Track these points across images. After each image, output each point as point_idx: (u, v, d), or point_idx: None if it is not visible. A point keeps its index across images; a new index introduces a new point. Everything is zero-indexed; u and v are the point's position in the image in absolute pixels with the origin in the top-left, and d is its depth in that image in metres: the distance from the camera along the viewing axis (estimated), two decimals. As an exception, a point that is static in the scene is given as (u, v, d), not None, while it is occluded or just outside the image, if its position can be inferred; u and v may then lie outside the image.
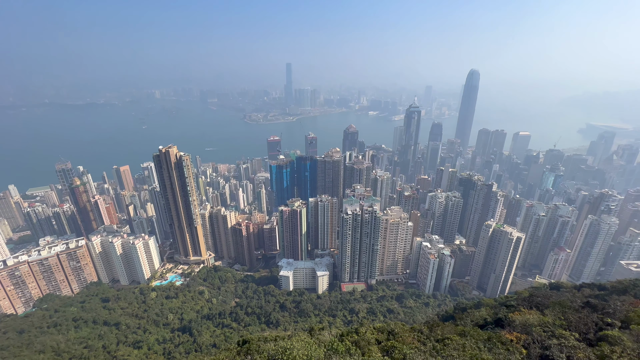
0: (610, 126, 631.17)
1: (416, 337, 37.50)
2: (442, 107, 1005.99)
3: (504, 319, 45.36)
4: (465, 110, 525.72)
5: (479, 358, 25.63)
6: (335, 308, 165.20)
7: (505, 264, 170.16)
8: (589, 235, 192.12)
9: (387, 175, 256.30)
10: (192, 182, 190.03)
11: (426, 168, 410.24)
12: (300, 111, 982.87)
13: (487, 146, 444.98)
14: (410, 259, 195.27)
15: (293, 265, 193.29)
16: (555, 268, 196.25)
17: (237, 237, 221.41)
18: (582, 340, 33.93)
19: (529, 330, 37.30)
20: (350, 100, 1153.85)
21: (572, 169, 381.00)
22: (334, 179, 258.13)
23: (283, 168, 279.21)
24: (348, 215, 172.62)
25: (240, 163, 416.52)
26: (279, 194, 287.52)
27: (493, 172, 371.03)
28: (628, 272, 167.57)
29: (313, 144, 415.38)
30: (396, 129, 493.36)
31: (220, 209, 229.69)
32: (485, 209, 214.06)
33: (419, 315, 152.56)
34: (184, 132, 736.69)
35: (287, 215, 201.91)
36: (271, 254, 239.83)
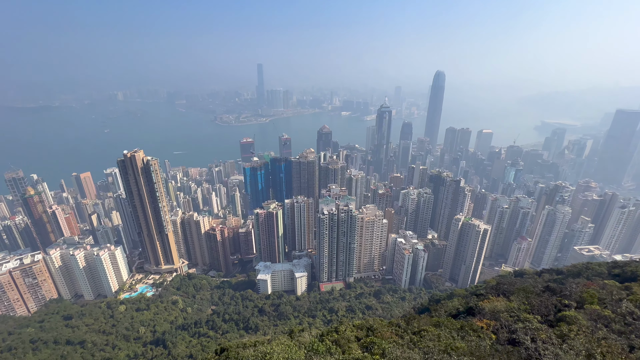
0: (562, 123, 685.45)
1: (394, 331, 38.51)
2: (411, 107, 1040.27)
3: (475, 308, 47.82)
4: (433, 110, 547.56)
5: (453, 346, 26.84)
6: (315, 308, 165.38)
7: (474, 255, 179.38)
8: (546, 224, 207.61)
9: (361, 175, 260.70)
10: (161, 187, 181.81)
11: (398, 166, 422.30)
12: (273, 112, 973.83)
13: (454, 144, 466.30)
14: (386, 255, 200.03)
15: (271, 268, 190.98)
16: (518, 256, 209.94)
17: (212, 242, 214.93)
18: (544, 322, 36.62)
19: (497, 317, 39.64)
20: (322, 101, 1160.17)
21: (530, 163, 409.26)
22: (310, 179, 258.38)
23: (257, 170, 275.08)
24: (325, 215, 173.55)
25: (212, 166, 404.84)
26: (254, 196, 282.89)
27: (460, 168, 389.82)
28: (581, 256, 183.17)
29: (287, 145, 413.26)
30: (368, 128, 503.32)
31: (192, 214, 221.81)
32: (454, 204, 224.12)
33: (396, 310, 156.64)
34: (150, 136, 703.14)
35: (263, 218, 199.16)
36: (248, 258, 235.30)
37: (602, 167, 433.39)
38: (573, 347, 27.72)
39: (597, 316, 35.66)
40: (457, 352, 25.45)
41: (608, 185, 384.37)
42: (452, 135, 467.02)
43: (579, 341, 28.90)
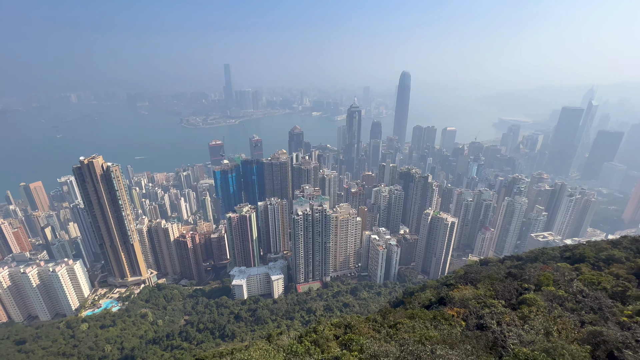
0: (516, 120, 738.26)
1: (371, 326, 39.36)
2: (380, 107, 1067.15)
3: (446, 297, 50.20)
4: (400, 109, 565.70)
5: (427, 336, 27.98)
6: (293, 310, 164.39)
7: (444, 247, 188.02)
8: (506, 214, 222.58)
9: (334, 174, 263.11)
10: (124, 195, 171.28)
11: (369, 165, 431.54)
12: (243, 113, 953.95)
13: (421, 141, 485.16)
14: (361, 252, 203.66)
15: (246, 273, 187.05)
16: (483, 246, 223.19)
17: (182, 250, 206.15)
18: (507, 306, 39.27)
19: (466, 304, 41.91)
20: (293, 102, 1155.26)
21: (490, 158, 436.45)
22: (282, 180, 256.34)
23: (228, 173, 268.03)
24: (299, 216, 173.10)
25: (180, 171, 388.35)
26: (226, 200, 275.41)
27: (428, 164, 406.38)
28: (537, 242, 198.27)
29: (258, 147, 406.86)
30: (339, 128, 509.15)
31: (160, 221, 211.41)
32: (423, 199, 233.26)
33: (372, 305, 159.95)
34: (109, 140, 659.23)
35: (236, 222, 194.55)
36: (221, 264, 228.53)
37: (552, 159, 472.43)
38: (533, 327, 30.00)
39: (552, 296, 38.87)
40: (431, 341, 26.56)
41: (557, 176, 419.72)
42: (419, 133, 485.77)
43: (538, 321, 31.32)
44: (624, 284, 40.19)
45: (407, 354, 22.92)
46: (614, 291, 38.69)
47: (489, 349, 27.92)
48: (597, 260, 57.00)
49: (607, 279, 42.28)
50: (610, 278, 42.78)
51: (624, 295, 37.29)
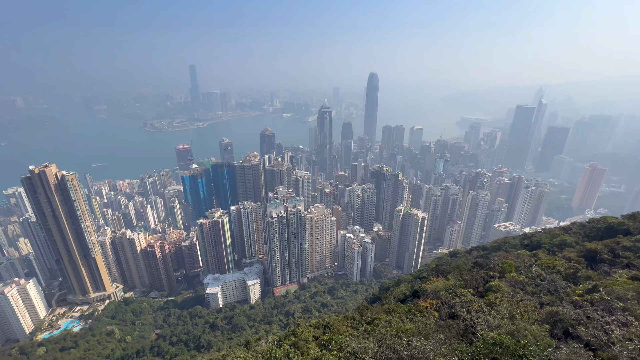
0: (477, 118, 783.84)
1: (349, 324, 39.86)
2: (350, 107, 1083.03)
3: (419, 290, 52.08)
4: (369, 109, 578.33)
5: (403, 329, 28.86)
6: (271, 314, 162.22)
7: (416, 241, 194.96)
8: (471, 207, 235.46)
9: (307, 175, 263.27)
10: (82, 205, 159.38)
11: (342, 164, 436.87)
12: (211, 116, 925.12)
13: (390, 140, 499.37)
14: (337, 251, 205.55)
15: (220, 280, 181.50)
16: (452, 238, 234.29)
17: (151, 260, 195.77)
18: (475, 294, 41.55)
19: (438, 295, 43.75)
20: (263, 103, 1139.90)
21: (455, 154, 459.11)
22: (255, 183, 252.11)
23: (198, 178, 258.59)
24: (273, 218, 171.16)
25: (145, 177, 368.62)
26: (196, 206, 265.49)
27: (398, 163, 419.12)
28: (499, 232, 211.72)
29: (229, 150, 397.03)
30: (311, 129, 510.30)
31: (124, 232, 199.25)
32: (395, 196, 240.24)
33: (350, 303, 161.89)
34: (63, 147, 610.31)
35: (208, 228, 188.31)
36: (194, 272, 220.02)
37: (509, 154, 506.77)
38: (499, 312, 32.00)
39: (515, 282, 41.71)
40: (407, 333, 27.44)
41: (515, 170, 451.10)
42: (389, 133, 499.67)
43: (503, 306, 33.48)
44: (575, 266, 44.11)
45: (384, 348, 23.48)
46: (567, 273, 42.32)
47: (460, 337, 29.38)
48: (551, 245, 62.03)
49: (560, 262, 46.13)
50: (563, 261, 46.73)
51: (575, 277, 40.91)
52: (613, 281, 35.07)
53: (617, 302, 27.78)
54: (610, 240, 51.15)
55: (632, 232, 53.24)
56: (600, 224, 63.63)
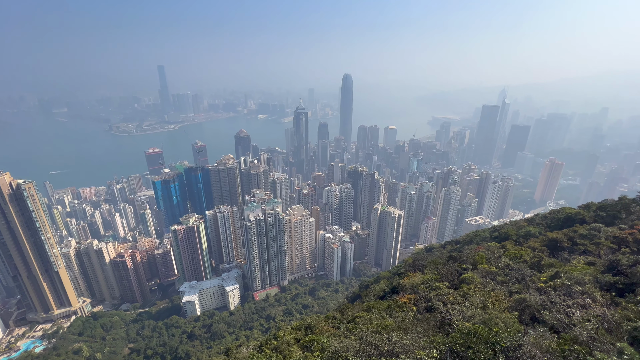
0: (447, 118, 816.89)
1: (331, 324, 40.05)
2: (325, 108, 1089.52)
3: (398, 286, 53.37)
4: (344, 110, 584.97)
5: (383, 325, 29.44)
6: (251, 320, 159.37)
7: (393, 238, 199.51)
8: (444, 203, 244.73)
9: (284, 177, 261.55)
10: (42, 215, 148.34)
11: (319, 165, 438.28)
12: (182, 118, 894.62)
13: (366, 140, 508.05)
14: (317, 252, 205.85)
15: (197, 287, 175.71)
16: (427, 234, 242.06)
17: (121, 271, 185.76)
18: (450, 287, 43.19)
19: (416, 290, 45.02)
20: (237, 105, 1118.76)
21: (428, 153, 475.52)
22: (231, 186, 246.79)
23: (170, 183, 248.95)
24: (251, 221, 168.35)
25: (112, 183, 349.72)
26: (169, 212, 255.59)
27: (373, 162, 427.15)
28: (471, 226, 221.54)
29: (203, 153, 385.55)
30: (287, 130, 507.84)
31: (91, 242, 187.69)
32: (372, 195, 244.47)
33: (331, 303, 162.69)
34: (18, 154, 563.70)
35: (183, 234, 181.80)
36: (169, 281, 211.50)
37: (477, 151, 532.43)
38: (472, 303, 33.48)
39: (486, 273, 43.81)
40: (387, 329, 28.00)
41: (483, 166, 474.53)
42: (364, 133, 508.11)
43: (476, 296, 35.06)
44: (539, 254, 47.12)
45: (366, 345, 23.81)
46: (532, 262, 45.09)
47: (438, 328, 30.43)
48: (518, 237, 65.83)
49: (526, 252, 49.08)
50: (529, 251, 49.76)
51: (540, 265, 43.69)
52: (572, 267, 37.84)
53: (576, 287, 29.99)
54: (569, 229, 55.16)
55: (587, 221, 57.72)
56: (560, 215, 68.41)
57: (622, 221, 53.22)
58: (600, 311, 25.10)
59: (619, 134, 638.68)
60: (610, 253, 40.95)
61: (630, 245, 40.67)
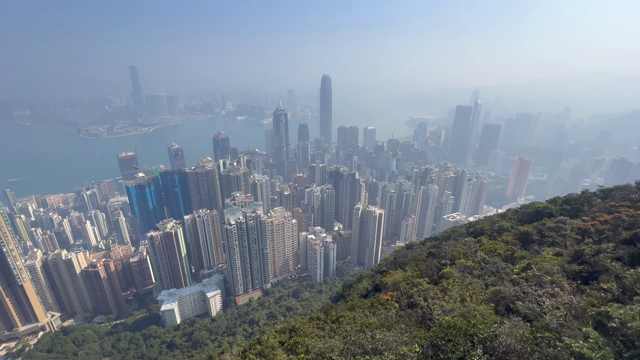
0: (424, 118, 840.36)
1: (315, 325, 40.02)
2: (305, 109, 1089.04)
3: (380, 284, 54.20)
4: (324, 111, 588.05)
5: (366, 324, 29.78)
6: (234, 325, 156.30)
7: (375, 237, 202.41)
8: (423, 201, 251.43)
9: (265, 178, 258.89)
10: (3, 226, 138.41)
11: (300, 166, 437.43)
12: (157, 120, 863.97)
13: (346, 141, 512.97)
14: (300, 253, 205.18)
15: (176, 295, 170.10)
16: (407, 232, 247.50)
17: (93, 282, 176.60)
18: (430, 282, 44.41)
19: (397, 287, 45.91)
20: (215, 106, 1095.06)
21: (406, 152, 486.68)
22: (210, 190, 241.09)
23: (145, 187, 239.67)
24: (232, 225, 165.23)
25: (82, 190, 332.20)
26: (145, 218, 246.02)
27: (354, 162, 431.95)
28: (448, 223, 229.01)
29: (179, 156, 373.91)
30: (267, 132, 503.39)
31: (59, 252, 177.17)
32: (353, 195, 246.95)
33: (315, 304, 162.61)
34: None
35: (160, 240, 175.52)
36: (146, 289, 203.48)
37: (453, 150, 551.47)
38: (452, 297, 34.61)
39: (463, 267, 45.42)
40: (370, 327, 28.36)
41: (458, 165, 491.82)
42: (344, 133, 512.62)
43: (455, 291, 36.26)
44: (512, 248, 49.46)
45: (350, 344, 24.00)
46: (506, 255, 47.23)
47: (419, 324, 31.20)
48: (492, 231, 68.71)
49: (500, 246, 51.37)
50: (502, 245, 52.10)
51: (513, 257, 45.85)
52: (542, 258, 40.00)
53: (546, 277, 31.74)
54: (538, 222, 58.27)
55: (554, 214, 61.25)
56: (530, 209, 72.12)
57: (585, 213, 56.93)
58: (568, 299, 26.74)
59: (580, 132, 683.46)
60: (575, 244, 43.64)
61: (593, 236, 43.57)
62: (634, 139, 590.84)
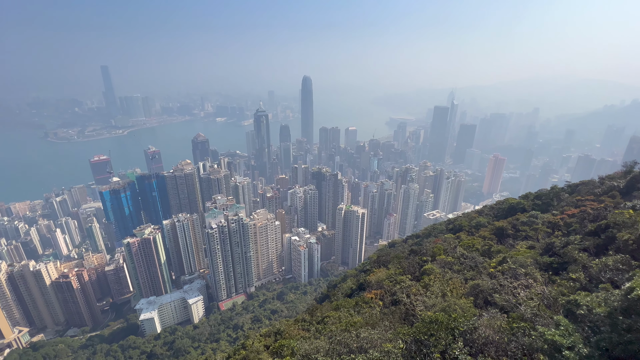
0: (403, 118, 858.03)
1: (300, 327, 39.89)
2: (286, 110, 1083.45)
3: (364, 283, 54.79)
4: (305, 112, 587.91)
5: (351, 323, 30.02)
6: (217, 331, 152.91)
7: (358, 237, 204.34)
8: (404, 200, 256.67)
9: (247, 181, 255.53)
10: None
11: (282, 167, 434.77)
12: (132, 122, 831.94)
13: (328, 141, 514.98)
14: (284, 255, 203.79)
15: (156, 303, 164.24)
16: (389, 230, 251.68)
17: (65, 293, 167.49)
18: (413, 279, 45.38)
19: (381, 285, 46.57)
20: (193, 108, 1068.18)
21: (387, 152, 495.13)
22: (190, 193, 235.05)
23: (120, 192, 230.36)
24: (213, 229, 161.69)
25: (51, 196, 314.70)
26: (121, 224, 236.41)
27: (336, 163, 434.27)
28: (429, 220, 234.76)
29: (157, 159, 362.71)
30: (248, 133, 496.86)
31: (26, 263, 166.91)
32: (335, 195, 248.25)
33: (300, 306, 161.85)
34: None
35: (137, 247, 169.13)
36: (123, 299, 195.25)
37: (432, 149, 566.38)
38: (433, 292, 35.52)
39: (444, 263, 46.73)
40: (355, 326, 28.61)
41: (437, 163, 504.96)
42: (325, 134, 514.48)
43: (436, 286, 37.24)
44: (489, 242, 51.43)
45: (335, 344, 24.10)
46: (483, 250, 49.04)
47: (403, 320, 31.79)
48: (470, 227, 71.15)
49: (478, 241, 53.26)
50: (480, 240, 54.06)
51: (490, 252, 47.67)
52: (517, 252, 41.85)
53: (520, 269, 33.23)
54: (512, 217, 60.93)
55: (527, 209, 64.26)
56: (504, 205, 75.29)
57: (555, 208, 60.12)
58: (541, 289, 28.14)
59: (549, 131, 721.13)
60: (546, 237, 46.01)
61: (562, 229, 46.09)
62: (596, 137, 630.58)
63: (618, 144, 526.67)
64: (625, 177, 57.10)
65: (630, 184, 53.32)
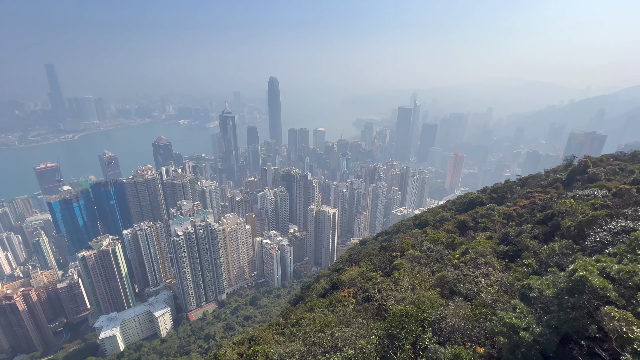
0: (370, 119, 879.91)
1: (275, 331, 39.34)
2: (253, 112, 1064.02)
3: (337, 282, 55.33)
4: (273, 113, 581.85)
5: (325, 323, 30.22)
6: (187, 343, 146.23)
7: (330, 236, 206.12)
8: (373, 198, 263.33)
9: (214, 185, 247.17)
10: None
11: (251, 170, 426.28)
12: (84, 126, 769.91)
13: (297, 143, 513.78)
14: (255, 259, 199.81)
15: (118, 319, 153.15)
16: (360, 229, 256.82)
17: (9, 316, 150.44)
18: (384, 275, 46.69)
19: (354, 283, 47.37)
20: (153, 110, 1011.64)
21: (355, 152, 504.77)
22: (152, 200, 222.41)
23: (72, 202, 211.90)
24: (179, 236, 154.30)
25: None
26: (74, 236, 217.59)
27: (306, 164, 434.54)
28: (397, 217, 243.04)
29: (113, 165, 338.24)
30: (213, 136, 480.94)
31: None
32: (306, 196, 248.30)
33: (274, 310, 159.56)
34: None
35: (94, 260, 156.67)
36: (79, 317, 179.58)
37: (397, 148, 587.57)
38: (403, 286, 36.84)
39: (412, 258, 48.60)
40: (330, 325, 28.85)
41: (403, 162, 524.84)
42: (294, 135, 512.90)
43: (406, 280, 38.65)
44: (452, 235, 54.40)
45: (310, 346, 24.12)
46: (448, 242, 51.77)
47: (375, 316, 32.59)
48: (435, 222, 74.75)
49: (442, 234, 56.12)
50: (444, 233, 57.01)
51: (453, 244, 50.44)
52: (477, 243, 44.67)
53: (481, 259, 35.56)
54: (472, 211, 65.00)
55: (485, 203, 68.91)
56: (465, 199, 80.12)
57: (509, 200, 65.11)
58: (499, 276, 30.31)
59: (501, 129, 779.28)
60: (502, 227, 49.64)
61: (515, 219, 50.02)
62: (541, 134, 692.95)
63: (559, 140, 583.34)
64: (566, 169, 63.40)
65: (570, 176, 59.26)
